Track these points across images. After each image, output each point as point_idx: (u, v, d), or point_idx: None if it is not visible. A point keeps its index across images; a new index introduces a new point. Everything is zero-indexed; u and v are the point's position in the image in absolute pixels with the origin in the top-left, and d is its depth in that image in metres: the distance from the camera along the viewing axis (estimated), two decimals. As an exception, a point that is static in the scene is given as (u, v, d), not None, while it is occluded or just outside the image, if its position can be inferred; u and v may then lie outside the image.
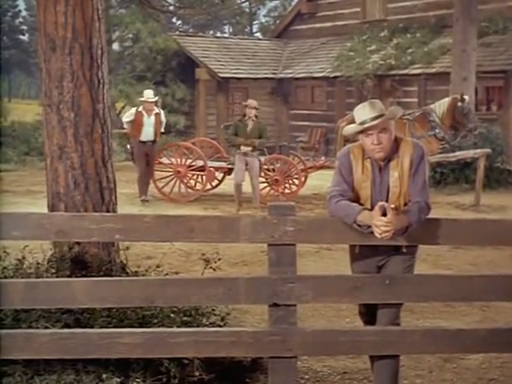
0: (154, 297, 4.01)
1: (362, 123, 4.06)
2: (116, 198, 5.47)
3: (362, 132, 4.09)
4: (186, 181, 13.60)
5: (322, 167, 13.90)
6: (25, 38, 58.74)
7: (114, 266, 5.21)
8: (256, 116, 12.15)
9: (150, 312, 4.64)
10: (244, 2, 29.18)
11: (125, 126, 13.46)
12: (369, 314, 4.43)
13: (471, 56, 14.30)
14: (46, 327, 4.25)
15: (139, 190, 13.15)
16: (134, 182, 16.19)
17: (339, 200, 4.03)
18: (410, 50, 18.69)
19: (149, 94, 12.89)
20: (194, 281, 4.14)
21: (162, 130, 13.53)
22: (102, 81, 5.31)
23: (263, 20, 41.00)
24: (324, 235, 4.05)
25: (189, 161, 13.44)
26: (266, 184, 13.22)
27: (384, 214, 3.85)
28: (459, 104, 12.02)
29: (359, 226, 3.94)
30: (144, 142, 12.78)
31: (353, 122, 4.34)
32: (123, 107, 23.71)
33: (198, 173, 13.70)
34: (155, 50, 22.52)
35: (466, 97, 12.02)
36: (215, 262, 5.09)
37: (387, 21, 20.85)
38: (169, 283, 4.08)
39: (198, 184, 13.92)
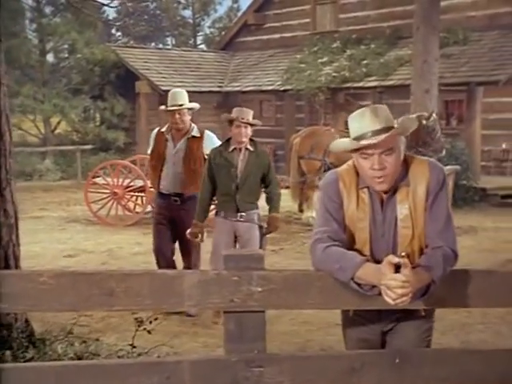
0: (56, 392, 2.69)
1: (358, 138, 2.81)
2: (18, 237, 4.11)
3: (357, 150, 2.85)
4: (123, 203, 12.31)
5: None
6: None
7: (16, 331, 3.84)
8: (253, 142, 6.14)
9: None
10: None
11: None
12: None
13: (433, 67, 13.29)
14: None
15: None
16: (67, 204, 14.94)
17: (329, 246, 2.78)
18: (364, 62, 17.75)
19: (177, 97, 6.42)
20: (115, 367, 2.82)
21: None
22: (-5, 80, 3.92)
23: (208, 31, 39.83)
24: (306, 297, 2.77)
25: (127, 181, 12.14)
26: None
27: (396, 270, 2.62)
28: (424, 122, 10.95)
29: (358, 284, 2.70)
30: (166, 196, 6.57)
31: (309, 138, 3.09)
32: (58, 123, 22.24)
33: (137, 194, 12.41)
34: (92, 61, 21.14)
35: (434, 115, 10.97)
36: (150, 323, 3.80)
37: (339, 32, 20.02)
38: (80, 371, 2.77)
39: (137, 206, 12.56)
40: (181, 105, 6.33)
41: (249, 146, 6.07)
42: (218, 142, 6.44)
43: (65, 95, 21.10)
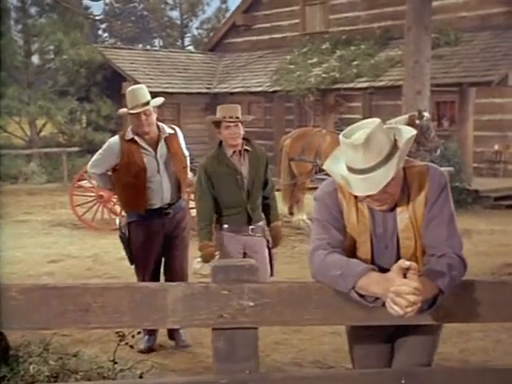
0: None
1: (352, 171, 2.54)
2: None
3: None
4: (110, 206, 12.01)
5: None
6: None
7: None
8: (248, 141, 5.30)
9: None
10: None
11: (94, 181, 6.09)
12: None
13: (425, 68, 13.04)
14: None
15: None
16: (52, 207, 14.60)
17: (330, 252, 2.55)
18: (355, 63, 17.49)
19: (138, 94, 5.24)
20: (92, 390, 2.56)
21: (190, 174, 5.94)
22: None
23: (196, 32, 39.60)
24: (304, 312, 2.52)
25: (113, 183, 11.84)
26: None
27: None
28: (417, 122, 10.71)
29: (361, 295, 2.45)
30: (156, 212, 5.37)
31: (300, 139, 2.81)
32: (44, 125, 21.91)
33: (123, 197, 12.06)
34: (78, 62, 20.82)
35: (425, 113, 10.73)
36: (133, 337, 3.55)
37: (329, 33, 19.79)
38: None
39: (124, 210, 12.26)
40: (145, 104, 5.19)
41: (246, 147, 5.21)
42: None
43: (51, 97, 20.77)
